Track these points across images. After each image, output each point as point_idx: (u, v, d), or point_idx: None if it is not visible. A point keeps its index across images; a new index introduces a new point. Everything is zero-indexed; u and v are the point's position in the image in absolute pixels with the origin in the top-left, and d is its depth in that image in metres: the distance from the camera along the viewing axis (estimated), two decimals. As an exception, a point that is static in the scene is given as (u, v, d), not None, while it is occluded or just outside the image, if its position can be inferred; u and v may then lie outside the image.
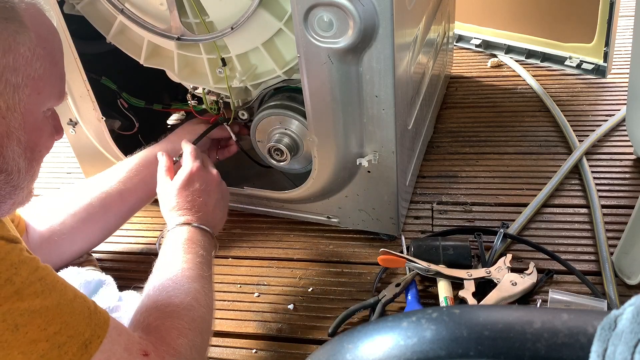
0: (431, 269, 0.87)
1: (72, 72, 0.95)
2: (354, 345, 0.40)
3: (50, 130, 0.61)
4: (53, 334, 0.49)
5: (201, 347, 0.66)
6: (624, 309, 0.32)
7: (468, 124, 1.29)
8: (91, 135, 1.06)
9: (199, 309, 0.68)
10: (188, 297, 0.68)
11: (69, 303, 0.51)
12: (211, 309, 0.71)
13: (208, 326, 0.69)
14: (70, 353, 0.49)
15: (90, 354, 0.51)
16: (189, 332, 0.64)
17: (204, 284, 0.71)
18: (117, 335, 0.55)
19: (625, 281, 0.86)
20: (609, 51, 1.30)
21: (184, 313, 0.66)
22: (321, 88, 0.81)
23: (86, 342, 0.51)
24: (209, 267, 0.75)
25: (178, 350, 0.62)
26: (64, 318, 0.50)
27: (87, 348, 0.51)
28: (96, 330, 0.53)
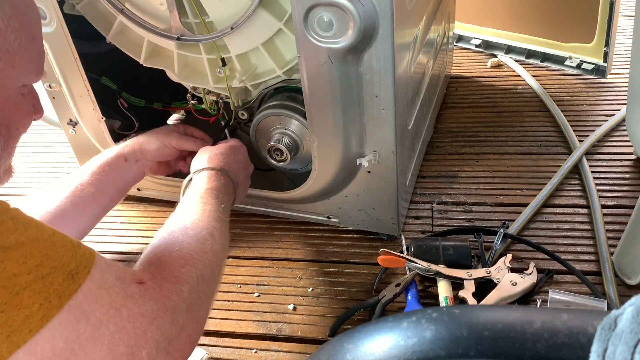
0: (431, 269, 0.87)
1: (72, 72, 0.95)
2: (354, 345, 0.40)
3: (28, 108, 0.60)
4: (34, 267, 0.46)
5: (210, 283, 0.62)
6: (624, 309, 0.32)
7: (468, 124, 1.29)
8: (91, 135, 1.06)
9: (213, 244, 0.65)
10: (204, 231, 0.66)
11: (47, 238, 0.49)
12: (225, 249, 0.69)
13: (220, 265, 0.66)
14: (56, 283, 0.47)
15: (79, 284, 0.48)
16: (197, 263, 0.61)
17: (223, 226, 0.70)
18: (107, 266, 0.52)
19: (625, 281, 0.86)
20: (609, 51, 1.30)
21: (196, 245, 0.63)
22: (321, 88, 0.81)
23: (72, 272, 0.48)
24: (227, 212, 0.75)
25: (180, 278, 0.58)
26: (44, 251, 0.48)
27: (74, 278, 0.48)
28: (82, 262, 0.50)
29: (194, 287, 0.58)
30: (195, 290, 0.58)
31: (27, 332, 0.45)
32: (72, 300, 0.48)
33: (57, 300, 0.47)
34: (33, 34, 0.57)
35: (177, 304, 0.55)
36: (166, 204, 1.12)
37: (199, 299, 0.59)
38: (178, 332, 0.54)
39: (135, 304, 0.52)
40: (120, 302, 0.51)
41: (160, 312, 0.53)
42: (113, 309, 0.50)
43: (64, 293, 0.48)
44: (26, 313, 0.45)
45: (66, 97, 1.00)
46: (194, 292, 0.58)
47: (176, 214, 0.72)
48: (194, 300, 0.58)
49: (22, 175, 1.31)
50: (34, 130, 1.45)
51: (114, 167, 0.92)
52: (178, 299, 0.56)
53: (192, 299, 0.57)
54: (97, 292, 0.50)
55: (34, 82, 0.60)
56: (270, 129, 0.95)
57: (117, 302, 0.51)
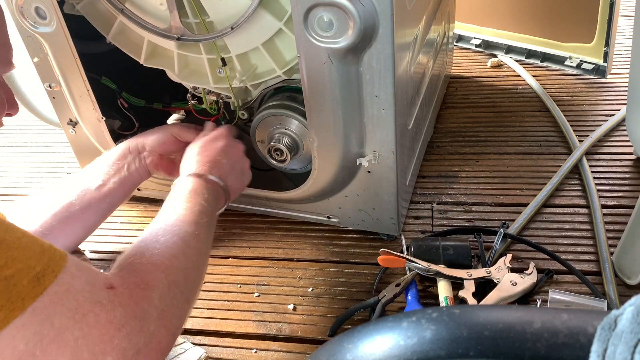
0: (431, 269, 0.87)
1: (72, 72, 0.95)
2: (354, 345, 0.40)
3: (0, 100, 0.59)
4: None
5: (184, 288, 0.60)
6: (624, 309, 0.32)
7: (468, 124, 1.29)
8: (91, 135, 1.06)
9: (186, 249, 0.63)
10: (175, 237, 0.63)
11: (15, 240, 0.47)
12: (203, 254, 0.67)
13: (196, 270, 0.64)
14: (20, 285, 0.45)
15: (44, 286, 0.47)
16: (168, 269, 0.59)
17: (199, 229, 0.67)
18: (77, 270, 0.50)
19: (625, 281, 0.86)
20: (609, 51, 1.30)
21: (166, 251, 0.61)
22: (321, 88, 0.81)
23: (38, 274, 0.47)
24: (209, 216, 0.72)
25: (150, 283, 0.55)
26: (10, 253, 0.46)
27: (40, 281, 0.47)
28: (50, 265, 0.48)
29: (164, 293, 0.56)
30: (166, 296, 0.56)
31: None
32: (36, 303, 0.46)
33: (20, 302, 0.46)
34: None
35: (146, 310, 0.53)
36: (166, 204, 1.12)
37: (172, 306, 0.57)
38: (147, 340, 0.52)
39: (103, 310, 0.50)
40: (87, 307, 0.49)
41: (129, 319, 0.51)
42: (79, 314, 0.49)
43: (28, 295, 0.46)
44: None
45: (66, 97, 1.00)
46: (164, 298, 0.56)
47: (158, 220, 0.69)
48: (166, 307, 0.56)
49: (22, 175, 1.31)
50: (34, 130, 1.45)
51: (120, 160, 0.92)
52: (148, 305, 0.54)
53: (164, 305, 0.56)
54: (63, 296, 0.48)
55: (3, 72, 0.60)
56: (270, 129, 0.95)
57: (84, 307, 0.49)
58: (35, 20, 0.90)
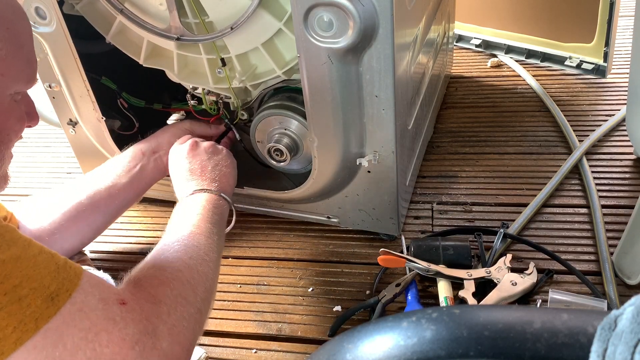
0: (431, 269, 0.87)
1: (72, 72, 0.95)
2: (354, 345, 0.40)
3: (19, 115, 0.60)
4: (12, 287, 0.45)
5: (194, 300, 0.60)
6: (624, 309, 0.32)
7: (468, 124, 1.29)
8: (91, 135, 1.06)
9: (190, 262, 0.63)
10: (180, 252, 0.64)
11: (31, 257, 0.48)
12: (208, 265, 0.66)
13: (204, 279, 0.63)
14: (34, 305, 0.46)
15: (58, 307, 0.47)
16: (173, 282, 0.59)
17: (210, 242, 0.68)
18: (90, 287, 0.51)
19: (625, 281, 0.86)
20: (609, 51, 1.30)
21: (172, 265, 0.61)
22: (321, 88, 0.81)
23: (52, 294, 0.47)
24: (220, 227, 0.74)
25: (157, 297, 0.56)
26: (25, 271, 0.46)
27: (54, 301, 0.47)
28: (64, 284, 0.49)
29: (172, 307, 0.56)
30: (175, 311, 0.56)
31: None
32: (49, 324, 0.46)
33: (33, 324, 0.46)
34: (21, 42, 0.57)
35: (157, 326, 0.53)
36: (166, 204, 1.12)
37: (182, 319, 0.56)
38: (161, 357, 0.52)
39: (116, 327, 0.50)
40: (100, 325, 0.49)
41: (142, 335, 0.51)
42: (92, 334, 0.49)
43: (41, 316, 0.46)
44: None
45: (66, 97, 1.00)
46: (173, 313, 0.56)
47: (169, 235, 0.70)
48: (175, 322, 0.55)
49: (22, 175, 1.31)
50: (34, 130, 1.45)
51: (132, 162, 0.92)
52: (158, 321, 0.54)
53: (173, 320, 0.55)
54: (76, 316, 0.48)
55: (26, 89, 0.61)
56: (270, 129, 0.95)
57: (97, 325, 0.49)
58: (35, 20, 0.90)
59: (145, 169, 0.93)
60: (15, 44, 0.56)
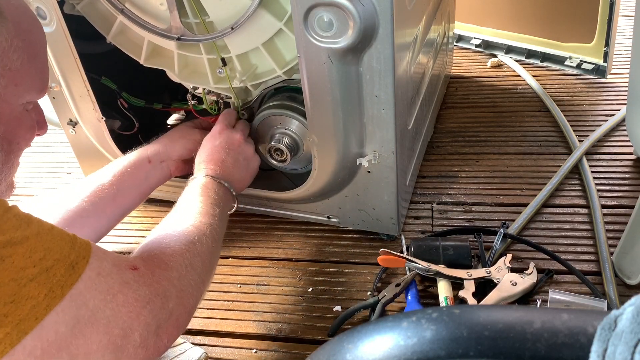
0: (431, 269, 0.87)
1: (72, 72, 0.95)
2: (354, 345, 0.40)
3: (30, 124, 0.62)
4: (39, 260, 0.50)
5: (201, 271, 0.65)
6: (624, 309, 0.32)
7: (468, 124, 1.29)
8: (91, 135, 1.06)
9: (201, 237, 0.68)
10: (191, 227, 0.69)
11: (48, 232, 0.52)
12: (217, 244, 0.72)
13: (211, 255, 0.69)
14: (59, 274, 0.50)
15: (79, 274, 0.52)
16: (185, 252, 0.64)
17: (213, 219, 0.73)
18: (103, 254, 0.56)
19: (625, 281, 0.86)
20: (609, 51, 1.30)
21: (183, 238, 0.66)
22: (321, 88, 0.81)
23: (72, 263, 0.52)
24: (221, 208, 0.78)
25: (170, 265, 0.61)
26: (47, 245, 0.51)
27: (75, 268, 0.52)
28: (81, 252, 0.53)
29: (183, 274, 0.62)
30: (184, 277, 0.62)
31: (33, 320, 0.48)
32: (73, 289, 0.51)
33: (59, 290, 0.50)
34: (36, 52, 0.59)
35: (167, 289, 0.59)
36: (166, 204, 1.12)
37: (189, 286, 0.62)
38: (167, 316, 0.58)
39: (130, 290, 0.55)
40: (117, 288, 0.54)
41: (153, 296, 0.57)
42: (110, 295, 0.54)
43: (66, 283, 0.51)
44: (33, 303, 0.48)
45: (66, 97, 1.00)
46: (182, 279, 0.61)
47: (171, 212, 0.75)
48: (184, 287, 0.61)
49: (22, 175, 1.31)
50: (34, 130, 1.45)
51: (137, 169, 0.92)
52: (168, 284, 0.59)
53: (182, 285, 0.61)
54: (96, 280, 0.53)
55: (38, 98, 0.62)
56: (271, 129, 0.95)
57: (114, 288, 0.54)
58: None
59: (152, 177, 0.94)
60: (30, 54, 0.57)
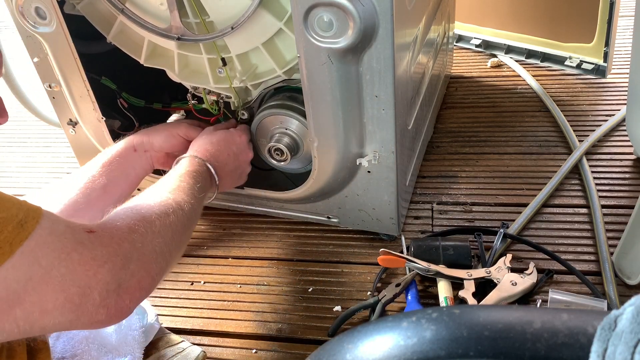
0: (431, 269, 0.87)
1: (72, 72, 0.95)
2: (354, 345, 0.40)
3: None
4: None
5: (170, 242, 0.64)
6: (624, 309, 0.32)
7: (468, 124, 1.29)
8: (91, 135, 1.06)
9: (178, 210, 0.67)
10: (169, 199, 0.68)
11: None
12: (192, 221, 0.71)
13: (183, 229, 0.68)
14: (6, 232, 0.49)
15: (28, 232, 0.51)
16: (155, 220, 0.63)
17: (192, 199, 0.72)
18: (55, 217, 0.54)
19: (625, 281, 0.86)
20: (609, 51, 1.30)
21: (156, 207, 0.65)
22: (321, 88, 0.81)
23: (21, 221, 0.50)
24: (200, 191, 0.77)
25: (134, 229, 0.60)
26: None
27: (23, 227, 0.50)
28: (30, 213, 0.52)
29: (148, 240, 0.60)
30: (149, 243, 0.60)
31: None
32: (23, 247, 0.50)
33: (8, 247, 0.49)
34: None
35: (128, 250, 0.57)
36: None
37: (153, 252, 0.60)
38: (129, 277, 0.56)
39: (86, 249, 0.54)
40: (70, 247, 0.53)
41: (111, 256, 0.55)
42: (64, 254, 0.53)
43: (15, 240, 0.50)
44: None
45: (66, 97, 1.00)
46: (147, 244, 0.60)
47: (154, 186, 0.74)
48: (147, 252, 0.60)
49: (22, 175, 1.31)
50: (34, 130, 1.45)
51: (124, 158, 0.92)
52: (129, 246, 0.58)
53: (145, 250, 0.59)
54: (48, 238, 0.52)
55: None
56: (271, 129, 0.95)
57: (67, 247, 0.53)
58: (35, 21, 0.90)
59: (138, 165, 0.94)
60: None
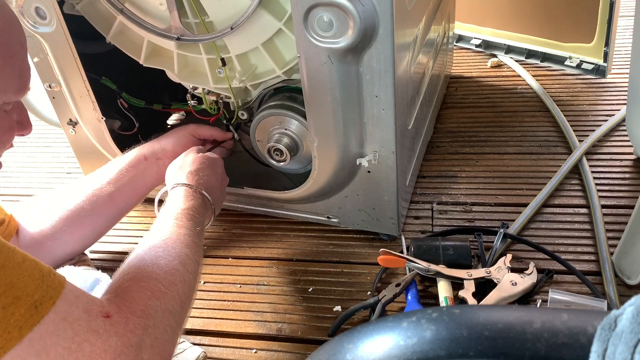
0: (431, 269, 0.87)
1: (72, 72, 0.95)
2: (354, 345, 0.40)
3: (9, 124, 0.60)
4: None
5: (179, 315, 0.60)
6: (624, 309, 0.32)
7: (468, 124, 1.29)
8: (91, 135, 1.06)
9: (185, 274, 0.64)
10: (175, 261, 0.64)
11: (15, 266, 0.48)
12: (196, 276, 0.68)
13: (190, 293, 0.65)
14: (18, 314, 0.46)
15: (41, 315, 0.47)
16: (165, 296, 0.59)
17: (195, 251, 0.69)
18: (75, 298, 0.51)
19: (625, 281, 0.86)
20: (609, 51, 1.30)
21: (164, 276, 0.61)
22: (321, 88, 0.81)
23: (36, 303, 0.47)
24: (201, 236, 0.74)
25: (146, 312, 0.56)
26: (9, 279, 0.46)
27: (37, 309, 0.47)
28: (48, 292, 0.48)
29: (159, 321, 0.57)
30: (161, 324, 0.57)
31: None
32: (32, 333, 0.46)
33: (17, 332, 0.46)
34: (12, 52, 0.56)
35: (141, 339, 0.54)
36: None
37: (165, 333, 0.57)
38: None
39: (99, 339, 0.50)
40: (83, 336, 0.49)
41: (124, 348, 0.52)
42: (75, 344, 0.49)
43: (25, 324, 0.46)
44: None
45: (66, 97, 1.00)
46: (159, 326, 0.57)
47: (149, 236, 0.70)
48: (159, 335, 0.56)
49: (22, 175, 1.31)
50: (34, 130, 1.45)
51: (134, 167, 0.92)
52: (143, 333, 0.54)
53: (158, 333, 0.56)
54: (60, 325, 0.48)
55: (16, 99, 0.60)
56: (270, 129, 0.95)
57: (80, 336, 0.49)
58: (35, 20, 0.90)
59: (147, 174, 0.93)
60: (6, 54, 0.55)
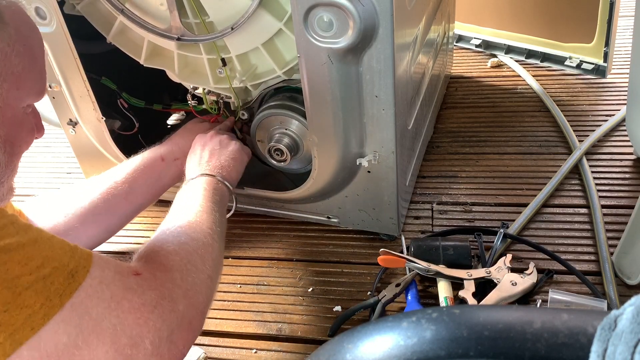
0: (431, 269, 0.87)
1: (72, 72, 0.95)
2: (354, 345, 0.40)
3: (30, 126, 0.63)
4: (36, 268, 0.48)
5: (202, 267, 0.63)
6: (624, 309, 0.32)
7: (468, 124, 1.29)
8: (91, 135, 1.06)
9: (198, 234, 0.67)
10: (192, 225, 0.68)
11: (47, 240, 0.51)
12: (219, 240, 0.71)
13: (210, 251, 0.67)
14: (57, 283, 0.49)
15: (79, 282, 0.50)
16: (180, 251, 0.62)
17: (212, 217, 0.72)
18: (105, 263, 0.54)
19: (625, 281, 0.86)
20: (609, 51, 1.30)
21: (182, 237, 0.65)
22: (321, 88, 0.81)
23: (72, 271, 0.50)
24: (221, 207, 0.77)
25: (168, 265, 0.59)
26: (45, 253, 0.50)
27: (74, 277, 0.50)
28: (81, 262, 0.52)
29: (185, 274, 0.60)
30: (187, 276, 0.60)
31: (29, 330, 0.47)
32: (73, 298, 0.50)
33: (58, 299, 0.49)
34: (36, 56, 0.60)
35: (173, 290, 0.57)
36: (166, 204, 1.12)
37: (194, 284, 0.60)
38: (179, 319, 0.56)
39: (135, 295, 0.53)
40: (120, 295, 0.53)
41: (160, 299, 0.55)
42: (114, 302, 0.52)
43: (65, 292, 0.49)
44: (28, 312, 0.47)
45: (66, 97, 1.00)
46: (185, 278, 0.60)
47: (173, 213, 0.73)
48: (189, 286, 0.59)
49: (22, 175, 1.31)
50: (34, 130, 1.45)
51: (150, 168, 0.92)
52: (172, 285, 0.57)
53: (187, 285, 0.59)
54: (97, 288, 0.52)
55: (37, 101, 0.63)
56: (271, 129, 0.95)
57: (117, 295, 0.52)
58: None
59: (165, 176, 0.94)
60: (31, 58, 0.58)
